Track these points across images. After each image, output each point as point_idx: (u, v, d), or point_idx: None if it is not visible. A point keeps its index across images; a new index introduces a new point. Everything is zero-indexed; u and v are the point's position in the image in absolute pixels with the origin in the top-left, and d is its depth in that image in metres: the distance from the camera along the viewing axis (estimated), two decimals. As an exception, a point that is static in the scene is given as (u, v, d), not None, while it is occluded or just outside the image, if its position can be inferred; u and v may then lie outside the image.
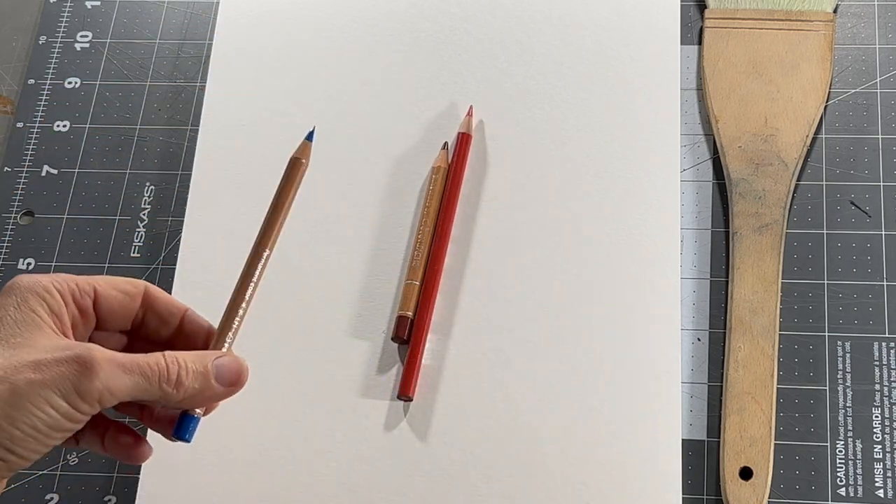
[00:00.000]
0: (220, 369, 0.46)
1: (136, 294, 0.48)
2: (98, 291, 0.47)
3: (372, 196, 0.64)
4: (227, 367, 0.46)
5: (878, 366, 0.58)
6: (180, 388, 0.44)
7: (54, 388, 0.41)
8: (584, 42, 0.66)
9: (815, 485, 0.56)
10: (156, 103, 0.69)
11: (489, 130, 0.65)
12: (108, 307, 0.47)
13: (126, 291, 0.48)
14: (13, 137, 0.69)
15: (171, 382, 0.44)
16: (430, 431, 0.58)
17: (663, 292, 0.60)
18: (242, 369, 0.47)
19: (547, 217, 0.62)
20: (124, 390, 0.43)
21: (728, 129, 0.63)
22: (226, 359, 0.46)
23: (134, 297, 0.48)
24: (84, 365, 0.42)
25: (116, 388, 0.42)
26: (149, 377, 0.43)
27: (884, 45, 0.65)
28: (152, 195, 0.67)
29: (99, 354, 0.42)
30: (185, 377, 0.44)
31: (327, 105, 0.67)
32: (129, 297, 0.48)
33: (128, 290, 0.48)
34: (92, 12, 0.73)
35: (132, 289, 0.48)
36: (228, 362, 0.46)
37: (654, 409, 0.57)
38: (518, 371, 0.59)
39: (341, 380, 0.60)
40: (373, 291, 0.62)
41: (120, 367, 0.43)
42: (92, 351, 0.42)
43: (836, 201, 0.62)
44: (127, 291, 0.48)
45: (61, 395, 0.42)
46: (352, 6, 0.69)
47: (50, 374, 0.42)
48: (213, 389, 0.46)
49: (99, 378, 0.42)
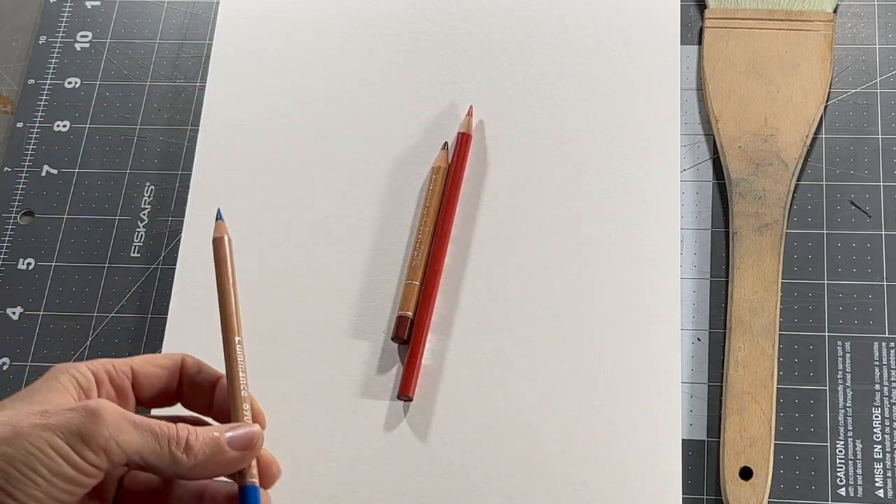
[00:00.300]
0: (232, 437, 0.45)
1: (172, 367, 0.48)
2: (135, 369, 0.47)
3: (372, 196, 0.64)
4: (240, 434, 0.46)
5: (878, 366, 0.58)
6: (190, 452, 0.44)
7: (57, 432, 0.41)
8: (584, 42, 0.66)
9: (815, 485, 0.56)
10: (156, 103, 0.69)
11: (489, 130, 0.65)
12: (146, 384, 0.47)
13: (162, 366, 0.48)
14: (13, 137, 0.69)
15: (180, 446, 0.44)
16: (430, 431, 0.58)
17: (663, 292, 0.60)
18: (255, 435, 0.46)
19: (547, 217, 0.62)
20: (132, 445, 0.42)
21: (728, 129, 0.63)
22: (238, 427, 0.46)
23: (171, 370, 0.48)
24: (92, 413, 0.42)
25: (124, 440, 0.42)
26: (158, 436, 0.43)
27: (884, 45, 0.65)
28: (152, 195, 0.67)
29: (109, 406, 0.42)
30: (195, 441, 0.44)
31: (327, 105, 0.67)
32: (166, 370, 0.48)
33: (164, 364, 0.48)
34: (92, 12, 0.73)
35: (168, 362, 0.48)
36: (240, 429, 0.46)
37: (654, 409, 0.57)
38: (518, 371, 0.59)
39: (341, 380, 0.60)
40: (373, 291, 0.62)
41: (129, 422, 0.43)
42: (102, 402, 0.42)
43: (836, 201, 0.62)
44: (163, 366, 0.48)
45: (64, 440, 0.41)
46: (352, 6, 0.69)
47: (55, 419, 0.41)
48: (225, 454, 0.45)
49: (106, 426, 0.41)
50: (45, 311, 0.64)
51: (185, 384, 0.48)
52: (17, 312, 0.64)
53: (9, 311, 0.64)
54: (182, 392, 0.49)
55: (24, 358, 0.63)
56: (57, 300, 0.64)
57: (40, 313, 0.64)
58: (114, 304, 0.64)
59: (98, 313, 0.64)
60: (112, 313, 0.64)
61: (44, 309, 0.64)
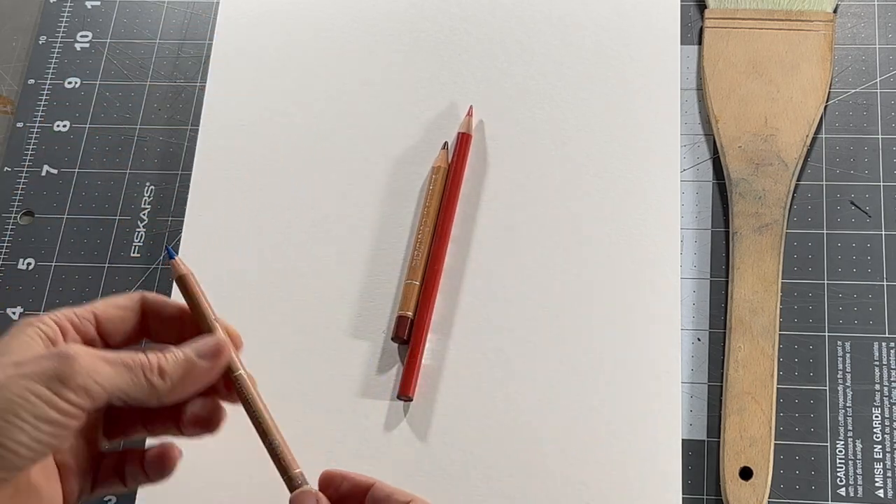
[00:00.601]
0: (199, 349, 0.47)
1: (133, 306, 0.49)
2: (97, 314, 0.48)
3: (372, 196, 0.64)
4: (205, 344, 0.47)
5: (878, 366, 0.58)
6: (164, 375, 0.45)
7: (36, 378, 0.42)
8: (584, 42, 0.66)
9: (815, 485, 0.56)
10: (156, 103, 0.69)
11: (489, 130, 0.65)
12: (111, 327, 0.48)
13: (124, 306, 0.49)
14: (13, 137, 0.69)
15: (153, 371, 0.45)
16: (430, 431, 0.58)
17: (663, 292, 0.60)
18: (218, 341, 0.48)
19: (547, 217, 0.62)
20: (110, 380, 0.43)
21: (728, 129, 0.63)
22: (201, 339, 0.48)
23: (132, 309, 0.49)
24: (65, 356, 0.43)
25: (101, 377, 0.43)
26: (132, 368, 0.44)
27: (884, 45, 0.65)
28: (152, 195, 0.67)
29: (80, 348, 0.43)
30: (167, 364, 0.45)
31: (327, 105, 0.67)
32: (128, 310, 0.49)
33: (125, 305, 0.49)
34: (92, 12, 0.73)
35: (129, 302, 0.49)
36: (203, 340, 0.48)
37: (654, 409, 0.57)
38: (518, 371, 0.59)
39: (341, 380, 0.60)
40: (373, 291, 0.62)
41: (102, 359, 0.44)
42: (73, 345, 0.44)
43: (836, 201, 0.62)
44: (124, 306, 0.49)
45: (44, 385, 0.42)
46: (352, 6, 0.69)
47: (31, 367, 0.42)
48: (198, 367, 0.47)
49: (81, 366, 0.43)
50: (46, 311, 0.64)
51: (150, 319, 0.49)
52: (17, 312, 0.64)
53: (9, 311, 0.64)
54: (149, 327, 0.49)
55: (24, 358, 0.63)
56: (57, 300, 0.64)
57: (40, 313, 0.64)
58: (114, 304, 0.64)
59: (98, 313, 0.64)
60: (112, 313, 0.64)
61: (44, 309, 0.64)
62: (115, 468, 0.50)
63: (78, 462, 0.48)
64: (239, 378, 0.49)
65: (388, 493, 0.48)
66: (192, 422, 0.49)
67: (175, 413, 0.50)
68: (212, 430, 0.50)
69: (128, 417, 0.50)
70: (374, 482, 0.48)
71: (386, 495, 0.48)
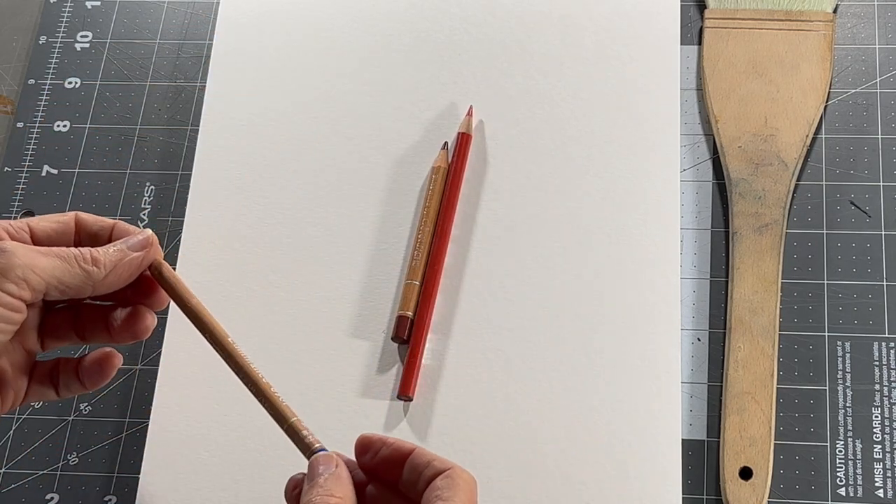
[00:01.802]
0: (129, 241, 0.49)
1: (68, 221, 0.50)
2: (32, 227, 0.49)
3: (372, 196, 0.64)
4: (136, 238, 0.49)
5: (878, 366, 0.58)
6: (98, 264, 0.47)
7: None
8: (584, 42, 0.66)
9: (815, 485, 0.56)
10: (156, 103, 0.69)
11: (489, 130, 0.65)
12: (46, 239, 0.49)
13: (58, 221, 0.49)
14: (13, 137, 0.69)
15: (87, 260, 0.47)
16: (430, 431, 0.58)
17: (663, 292, 0.60)
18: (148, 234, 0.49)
19: (547, 217, 0.62)
20: (47, 270, 0.45)
21: (728, 129, 0.63)
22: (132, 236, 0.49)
23: (67, 223, 0.50)
24: (3, 251, 0.44)
25: (38, 268, 0.45)
26: (66, 258, 0.46)
27: (884, 45, 0.65)
28: (152, 195, 0.67)
29: (16, 244, 0.45)
30: (100, 255, 0.47)
31: (327, 105, 0.67)
32: (62, 225, 0.49)
33: (60, 220, 0.50)
34: (92, 12, 0.73)
35: (63, 218, 0.50)
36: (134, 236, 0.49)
37: (654, 409, 0.57)
38: (518, 371, 0.59)
39: (341, 380, 0.60)
40: (373, 291, 0.62)
41: (35, 251, 0.45)
42: (7, 241, 0.45)
43: (836, 201, 0.62)
44: (59, 221, 0.49)
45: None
46: (352, 6, 0.69)
47: None
48: (129, 256, 0.48)
49: (18, 257, 0.44)
50: (45, 311, 0.64)
51: (83, 238, 0.50)
52: (17, 312, 0.64)
53: (9, 311, 0.64)
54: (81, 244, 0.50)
55: (24, 358, 0.63)
56: (57, 300, 0.64)
57: (40, 313, 0.64)
58: (114, 304, 0.64)
59: (98, 313, 0.64)
60: (112, 313, 0.64)
61: (44, 309, 0.64)
62: (50, 375, 0.51)
63: (12, 367, 0.49)
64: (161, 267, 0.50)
65: (428, 459, 0.46)
66: (122, 327, 0.50)
67: (105, 318, 0.51)
68: (141, 335, 0.51)
69: (61, 324, 0.51)
70: (415, 448, 0.47)
71: (426, 461, 0.46)
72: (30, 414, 0.62)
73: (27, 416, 0.62)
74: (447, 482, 0.45)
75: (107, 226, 0.50)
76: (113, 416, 0.61)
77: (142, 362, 0.62)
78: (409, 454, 0.47)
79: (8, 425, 0.62)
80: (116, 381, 0.62)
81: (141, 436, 0.60)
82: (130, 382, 0.62)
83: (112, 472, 0.60)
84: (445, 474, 0.45)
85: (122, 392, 0.62)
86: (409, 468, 0.46)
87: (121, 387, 0.62)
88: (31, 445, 0.61)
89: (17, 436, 0.61)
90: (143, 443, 0.60)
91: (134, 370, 0.62)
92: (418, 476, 0.45)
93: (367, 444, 0.48)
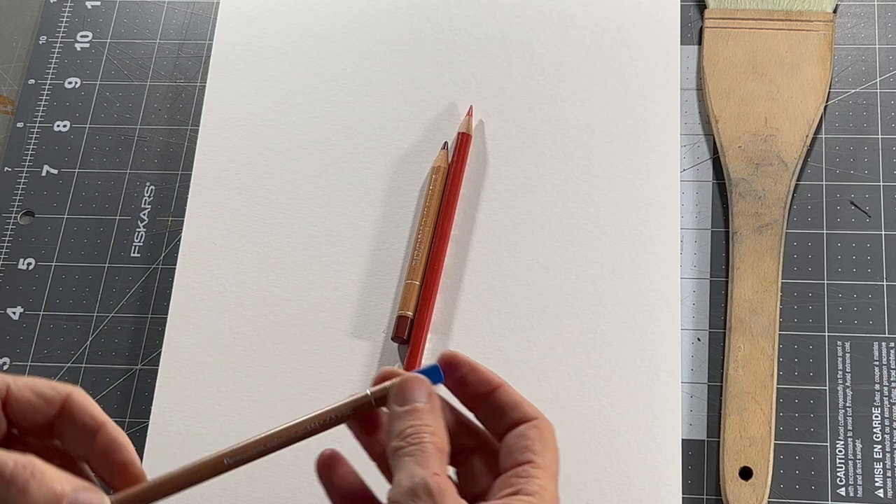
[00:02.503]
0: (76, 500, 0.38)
1: (54, 399, 0.42)
2: (11, 391, 0.41)
3: (372, 196, 0.64)
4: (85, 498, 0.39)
5: (878, 366, 0.58)
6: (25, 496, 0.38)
7: None
8: (584, 42, 0.66)
9: (815, 485, 0.56)
10: (156, 103, 0.69)
11: (489, 130, 0.65)
12: (18, 410, 0.41)
13: (42, 395, 0.41)
14: (13, 137, 0.69)
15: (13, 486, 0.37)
16: (430, 431, 0.58)
17: (663, 292, 0.60)
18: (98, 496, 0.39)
19: (547, 217, 0.62)
20: None
21: (728, 129, 0.63)
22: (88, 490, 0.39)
23: (52, 402, 0.42)
24: None
25: None
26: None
27: (884, 45, 0.65)
28: (152, 195, 0.67)
29: None
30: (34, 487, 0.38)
31: (327, 105, 0.67)
32: (45, 401, 0.41)
33: (46, 395, 0.41)
34: (92, 12, 0.73)
35: (51, 393, 0.42)
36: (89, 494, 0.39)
37: (654, 409, 0.57)
38: (518, 371, 0.59)
39: (341, 380, 0.60)
40: (373, 291, 0.62)
41: None
42: None
43: (836, 201, 0.62)
44: (44, 395, 0.41)
45: None
46: (352, 6, 0.69)
47: None
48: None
49: None
50: (45, 311, 0.64)
51: (65, 422, 0.42)
52: (17, 312, 0.64)
53: (9, 311, 0.64)
54: (62, 430, 0.42)
55: (24, 358, 0.63)
56: (57, 300, 0.64)
57: (40, 313, 0.64)
58: (114, 304, 0.64)
59: (98, 313, 0.64)
60: (112, 313, 0.64)
61: (44, 309, 0.64)
62: None
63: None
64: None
65: (516, 400, 0.43)
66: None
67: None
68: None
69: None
70: (503, 383, 0.43)
71: (514, 402, 0.43)
72: (30, 414, 0.62)
73: (27, 416, 0.62)
74: (536, 433, 0.42)
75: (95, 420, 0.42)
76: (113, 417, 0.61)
77: (142, 362, 0.62)
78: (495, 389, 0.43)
79: (8, 425, 0.62)
80: (116, 381, 0.62)
81: (141, 436, 0.60)
82: (130, 382, 0.62)
83: (112, 472, 0.60)
84: (533, 423, 0.42)
85: (122, 392, 0.62)
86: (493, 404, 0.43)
87: (121, 387, 0.62)
88: (31, 445, 0.61)
89: (17, 436, 0.61)
90: (143, 442, 0.59)
91: (134, 370, 0.62)
92: (502, 414, 0.42)
93: (453, 363, 0.43)
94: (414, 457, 0.40)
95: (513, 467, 0.41)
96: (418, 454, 0.40)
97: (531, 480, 0.41)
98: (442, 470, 0.40)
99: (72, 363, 0.63)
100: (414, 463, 0.39)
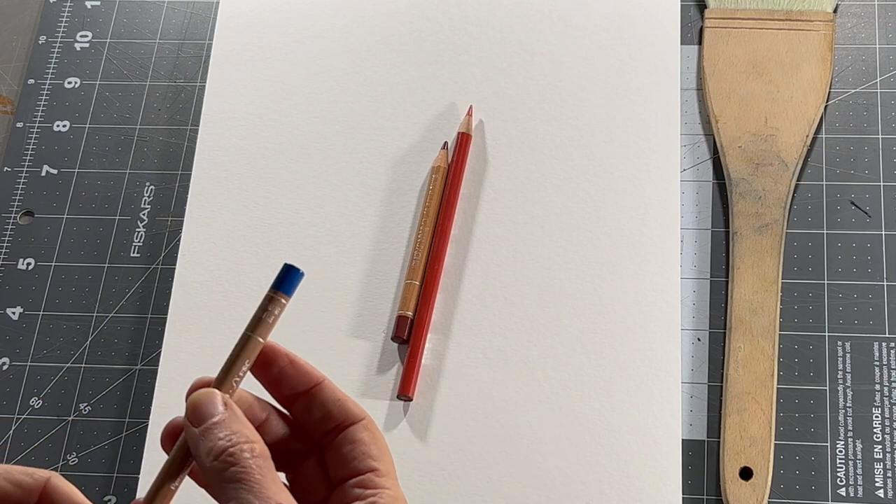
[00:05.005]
0: None
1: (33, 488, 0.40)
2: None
3: (372, 196, 0.64)
4: None
5: (878, 366, 0.58)
6: None
7: None
8: (584, 42, 0.66)
9: (815, 485, 0.56)
10: (156, 103, 0.69)
11: (489, 130, 0.65)
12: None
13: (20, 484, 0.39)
14: (13, 137, 0.69)
15: None
16: (430, 431, 0.58)
17: (663, 292, 0.60)
18: None
19: (547, 217, 0.62)
20: None
21: (728, 129, 0.63)
22: None
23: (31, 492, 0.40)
24: None
25: None
26: None
27: (884, 45, 0.65)
28: (152, 195, 0.67)
29: None
30: None
31: (327, 105, 0.67)
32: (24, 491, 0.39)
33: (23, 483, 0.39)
34: (92, 12, 0.73)
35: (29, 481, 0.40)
36: None
37: (654, 409, 0.57)
38: (518, 371, 0.59)
39: (341, 380, 0.60)
40: (373, 291, 0.62)
41: None
42: None
43: (836, 201, 0.62)
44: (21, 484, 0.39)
45: None
46: (352, 6, 0.69)
47: None
48: None
49: None
50: (45, 311, 0.64)
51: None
52: (17, 312, 0.64)
53: (9, 311, 0.64)
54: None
55: (24, 358, 0.63)
56: (57, 300, 0.64)
57: (40, 313, 0.64)
58: (114, 304, 0.64)
59: (98, 313, 0.64)
60: (112, 313, 0.64)
61: (44, 309, 0.64)
62: None
63: None
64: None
65: (339, 398, 0.40)
66: None
67: None
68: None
69: None
70: (325, 379, 0.40)
71: (337, 400, 0.40)
72: (30, 414, 0.62)
73: (27, 417, 0.62)
74: (370, 436, 0.39)
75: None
76: (113, 417, 0.61)
77: (142, 362, 0.62)
78: (316, 385, 0.40)
79: (8, 425, 0.62)
80: (116, 381, 0.62)
81: (141, 436, 0.60)
82: (130, 382, 0.62)
83: (112, 472, 0.60)
84: (363, 425, 0.39)
85: (122, 392, 0.62)
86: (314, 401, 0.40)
87: (120, 387, 0.62)
88: (31, 445, 0.61)
89: (16, 436, 0.61)
90: (142, 443, 0.59)
91: (134, 370, 0.62)
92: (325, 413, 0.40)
93: (271, 356, 0.41)
94: (242, 483, 0.36)
95: (354, 476, 0.39)
96: (245, 478, 0.36)
97: (382, 492, 0.39)
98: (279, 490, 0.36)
99: (71, 363, 0.63)
100: (246, 492, 0.36)
